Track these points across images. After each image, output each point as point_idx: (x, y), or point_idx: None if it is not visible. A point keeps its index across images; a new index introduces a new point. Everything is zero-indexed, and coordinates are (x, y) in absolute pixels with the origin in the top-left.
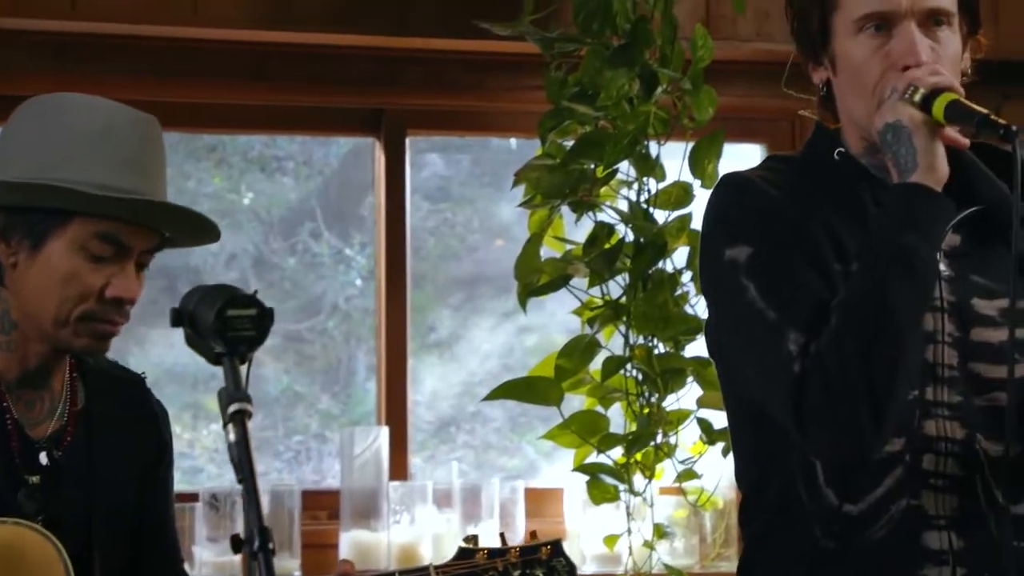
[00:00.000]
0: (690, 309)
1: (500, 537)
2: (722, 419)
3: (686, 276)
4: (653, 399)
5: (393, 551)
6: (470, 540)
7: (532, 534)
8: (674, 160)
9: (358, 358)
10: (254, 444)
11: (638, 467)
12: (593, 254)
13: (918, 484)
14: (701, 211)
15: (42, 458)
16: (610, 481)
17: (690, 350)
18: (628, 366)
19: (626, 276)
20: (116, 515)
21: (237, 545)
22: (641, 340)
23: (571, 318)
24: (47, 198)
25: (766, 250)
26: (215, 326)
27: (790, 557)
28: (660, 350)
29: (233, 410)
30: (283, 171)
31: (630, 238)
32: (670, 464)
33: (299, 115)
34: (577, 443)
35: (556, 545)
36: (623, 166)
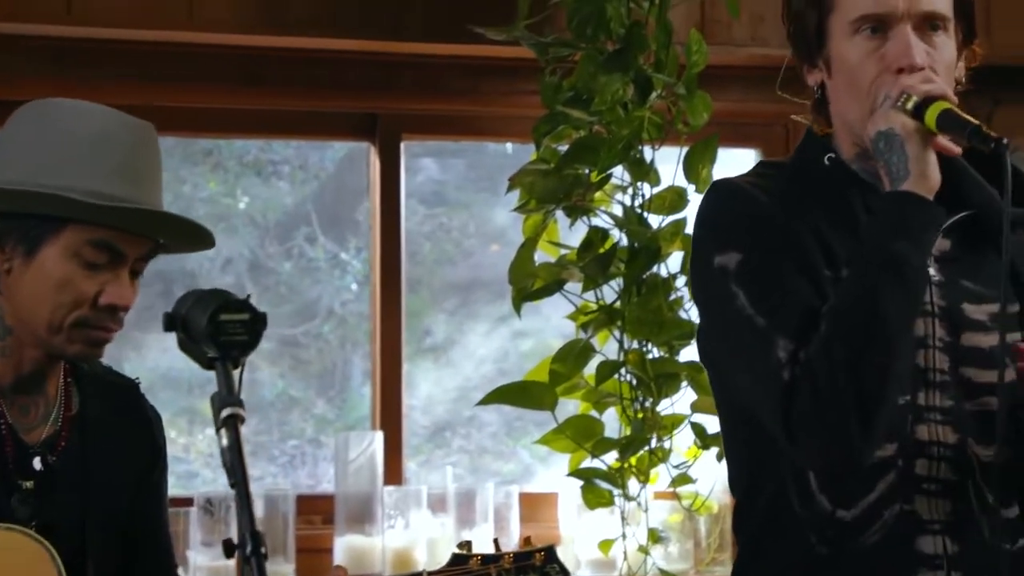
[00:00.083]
0: (684, 314)
1: (494, 543)
2: (716, 424)
3: (680, 281)
4: (647, 404)
5: (387, 556)
6: (464, 546)
7: (526, 540)
8: (668, 165)
9: (353, 362)
10: (249, 448)
11: (632, 472)
12: (587, 259)
13: (911, 489)
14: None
15: (36, 463)
16: (605, 486)
17: (684, 355)
18: (622, 371)
19: (620, 281)
20: (110, 520)
21: (229, 550)
22: (635, 345)
23: (566, 323)
24: (41, 205)
25: (756, 257)
26: (208, 330)
27: (784, 563)
28: (654, 355)
29: (226, 415)
30: (279, 175)
31: (624, 243)
32: (664, 469)
33: (294, 119)
34: (572, 448)
35: (550, 551)
36: (617, 171)
